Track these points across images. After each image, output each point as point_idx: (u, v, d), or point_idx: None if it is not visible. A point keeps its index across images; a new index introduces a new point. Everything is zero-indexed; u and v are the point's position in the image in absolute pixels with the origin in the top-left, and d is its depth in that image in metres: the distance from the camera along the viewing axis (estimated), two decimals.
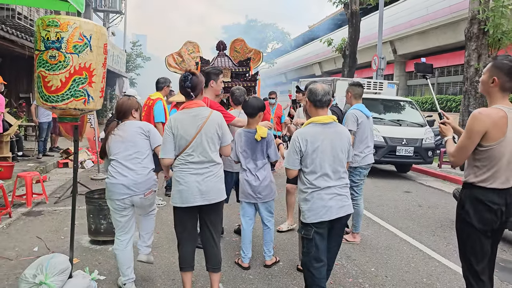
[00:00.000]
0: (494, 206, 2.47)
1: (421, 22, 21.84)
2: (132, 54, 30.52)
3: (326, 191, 2.81)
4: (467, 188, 2.60)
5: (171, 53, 8.71)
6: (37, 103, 2.91)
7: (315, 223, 2.80)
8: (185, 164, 3.02)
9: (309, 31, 42.49)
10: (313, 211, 2.80)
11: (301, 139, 2.83)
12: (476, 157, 2.50)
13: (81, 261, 3.96)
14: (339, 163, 2.86)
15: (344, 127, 3.07)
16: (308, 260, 2.86)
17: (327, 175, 2.82)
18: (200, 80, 3.14)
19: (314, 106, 2.95)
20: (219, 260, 3.22)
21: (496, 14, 9.39)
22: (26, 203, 5.90)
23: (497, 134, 2.40)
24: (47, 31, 2.72)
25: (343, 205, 2.86)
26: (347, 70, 17.27)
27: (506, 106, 2.47)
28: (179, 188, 3.02)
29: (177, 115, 3.09)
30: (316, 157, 2.80)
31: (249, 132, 3.84)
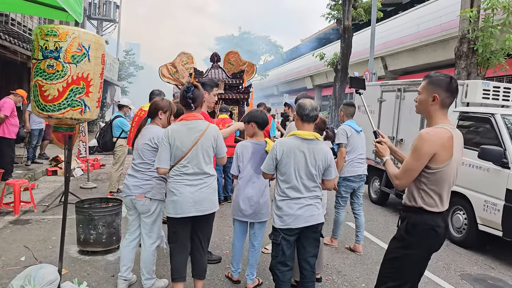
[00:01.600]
0: (440, 230, 2.38)
1: (412, 39, 22.20)
2: (125, 62, 30.46)
3: (295, 201, 2.97)
4: (415, 213, 2.40)
5: (165, 63, 8.74)
6: (32, 111, 2.90)
7: (282, 229, 2.98)
8: (180, 176, 3.08)
9: (302, 45, 42.91)
10: (282, 218, 2.98)
11: (279, 148, 3.00)
12: (422, 179, 2.34)
13: (69, 272, 3.90)
14: (311, 177, 2.99)
15: (325, 145, 3.14)
16: (275, 264, 3.08)
17: (297, 187, 2.97)
18: (202, 93, 3.23)
19: (301, 120, 3.08)
20: (205, 268, 3.32)
21: (485, 34, 9.58)
22: (14, 211, 5.81)
23: (446, 156, 2.26)
24: (46, 40, 2.72)
25: (312, 214, 3.00)
26: (338, 84, 17.45)
27: (449, 125, 2.34)
28: (173, 199, 3.07)
29: (174, 126, 3.13)
30: (289, 167, 2.96)
31: (257, 144, 3.66)
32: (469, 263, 4.92)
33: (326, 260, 4.59)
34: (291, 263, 3.09)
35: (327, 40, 35.76)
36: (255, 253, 3.76)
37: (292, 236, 3.01)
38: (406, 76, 26.04)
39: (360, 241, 5.03)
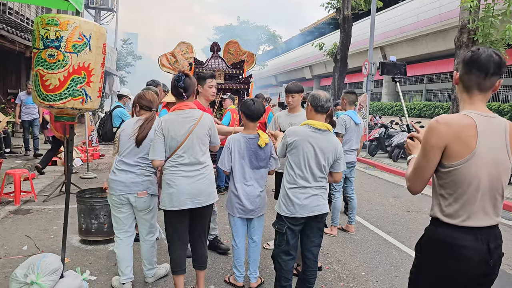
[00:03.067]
0: (467, 252, 1.76)
1: (411, 29, 22.15)
2: (123, 52, 30.31)
3: (302, 190, 2.99)
4: (430, 224, 1.92)
5: (164, 53, 8.70)
6: (34, 101, 2.89)
7: (288, 217, 3.00)
8: (176, 167, 3.04)
9: (300, 35, 42.71)
10: (288, 206, 3.00)
11: (291, 135, 3.03)
12: (438, 181, 1.86)
13: (72, 261, 3.94)
14: (319, 168, 3.01)
15: (337, 139, 3.16)
16: (278, 253, 3.08)
17: (306, 176, 2.99)
18: (193, 82, 3.19)
19: (314, 111, 3.11)
20: (206, 259, 3.31)
21: (485, 24, 9.55)
22: (14, 201, 5.83)
23: (461, 150, 1.76)
24: (47, 29, 2.69)
25: (317, 204, 3.02)
26: (337, 74, 17.39)
27: (475, 111, 1.82)
28: (170, 191, 3.03)
29: (168, 117, 3.08)
30: (299, 155, 2.98)
31: (249, 138, 3.44)
32: None
33: (326, 249, 4.63)
34: (295, 252, 3.11)
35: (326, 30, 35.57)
36: (257, 248, 3.62)
37: (297, 225, 3.04)
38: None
39: (352, 222, 5.40)
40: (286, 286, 3.12)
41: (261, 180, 3.51)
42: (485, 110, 1.83)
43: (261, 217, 3.60)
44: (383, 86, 27.75)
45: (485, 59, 1.78)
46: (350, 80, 28.81)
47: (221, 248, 4.32)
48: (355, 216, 5.43)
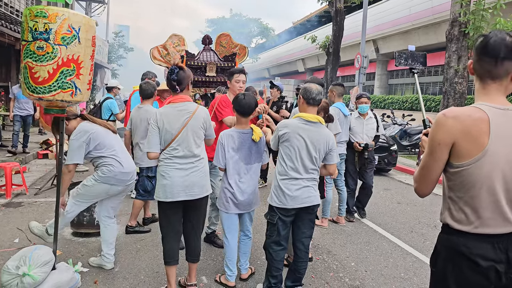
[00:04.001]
0: (485, 264, 1.56)
1: (404, 22, 22.17)
2: (114, 44, 30.06)
3: (293, 182, 3.05)
4: (443, 232, 1.72)
5: (156, 46, 8.65)
6: (23, 93, 2.88)
7: (279, 208, 3.07)
8: (170, 159, 3.06)
9: (293, 27, 42.60)
10: (279, 197, 3.06)
11: (282, 127, 3.09)
12: (447, 183, 1.68)
13: (64, 253, 3.95)
14: (310, 159, 3.06)
15: (327, 130, 3.20)
16: (269, 243, 3.17)
17: (297, 167, 3.04)
18: (187, 74, 3.18)
19: (306, 104, 3.14)
20: (199, 252, 3.34)
21: (476, 17, 9.61)
22: (6, 194, 5.82)
23: (471, 148, 1.56)
24: (35, 21, 2.68)
25: (308, 195, 3.08)
26: (330, 67, 17.40)
27: (489, 104, 1.60)
28: (164, 183, 3.06)
29: (162, 110, 3.10)
30: (290, 147, 3.04)
31: (243, 133, 3.39)
32: None
33: (317, 241, 4.69)
34: (285, 243, 3.16)
35: (319, 23, 35.52)
36: (248, 241, 3.63)
37: (288, 216, 3.09)
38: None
39: (342, 214, 5.53)
40: (277, 275, 3.17)
41: (255, 175, 3.49)
42: (502, 102, 1.60)
43: (253, 211, 3.62)
44: (375, 79, 27.82)
45: (494, 42, 1.57)
46: (342, 73, 28.86)
47: (217, 243, 4.35)
48: (345, 208, 5.50)
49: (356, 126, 5.43)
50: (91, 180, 3.52)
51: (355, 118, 5.46)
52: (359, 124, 5.44)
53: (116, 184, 3.55)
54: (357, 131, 5.42)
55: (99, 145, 3.47)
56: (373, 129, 5.50)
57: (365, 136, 5.41)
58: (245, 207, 3.45)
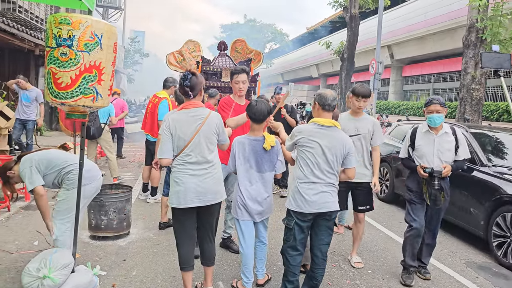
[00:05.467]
0: None
1: (419, 27, 22.04)
2: (130, 50, 30.45)
3: (311, 186, 3.03)
4: None
5: (172, 51, 8.76)
6: (46, 98, 2.94)
7: (296, 212, 3.05)
8: (183, 165, 3.06)
9: (307, 33, 42.63)
10: (296, 201, 3.05)
11: (298, 132, 3.12)
12: None
13: (82, 256, 4.00)
14: (328, 164, 3.05)
15: (345, 135, 3.19)
16: (285, 248, 3.16)
17: (314, 172, 3.04)
18: (200, 80, 3.18)
19: (322, 109, 3.17)
20: (214, 256, 3.34)
21: (494, 23, 9.49)
22: (25, 197, 5.91)
23: None
24: (59, 28, 2.74)
25: (326, 201, 3.05)
26: (344, 73, 17.38)
27: None
28: (177, 189, 3.05)
29: (175, 115, 3.10)
30: (307, 152, 3.05)
31: (254, 140, 3.38)
32: (474, 252, 4.97)
33: (333, 247, 4.66)
34: (302, 248, 3.15)
35: (333, 28, 35.48)
36: (264, 247, 3.62)
37: (305, 222, 3.08)
38: (412, 65, 25.91)
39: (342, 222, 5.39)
40: (293, 281, 3.16)
41: (267, 184, 3.45)
42: None
43: (266, 219, 3.59)
44: (390, 85, 27.65)
45: None
46: (357, 79, 28.73)
47: (232, 249, 4.35)
48: (344, 218, 5.39)
49: (423, 144, 3.88)
50: (63, 193, 3.40)
51: (422, 133, 3.92)
52: (427, 141, 3.86)
53: (88, 183, 3.45)
54: (425, 152, 3.85)
55: (50, 163, 3.38)
56: (450, 149, 3.83)
57: (436, 159, 3.79)
58: (257, 215, 3.41)
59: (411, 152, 4.00)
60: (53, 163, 3.40)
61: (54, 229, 3.37)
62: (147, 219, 5.39)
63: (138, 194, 6.58)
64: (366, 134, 4.08)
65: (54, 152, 3.58)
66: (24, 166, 3.32)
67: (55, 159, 3.43)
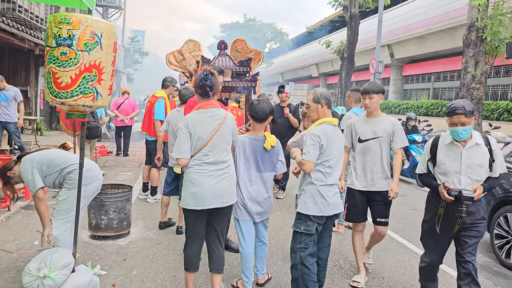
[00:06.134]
0: None
1: (419, 27, 22.02)
2: (130, 49, 30.44)
3: (330, 188, 3.04)
4: None
5: (172, 51, 8.74)
6: (46, 98, 2.94)
7: (317, 217, 2.99)
8: (200, 165, 2.99)
9: (307, 32, 42.60)
10: (317, 205, 2.99)
11: (323, 135, 3.00)
12: None
13: (82, 256, 3.99)
14: (341, 163, 3.15)
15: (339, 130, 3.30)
16: (304, 256, 2.98)
17: (333, 174, 3.06)
18: (217, 80, 3.17)
19: (327, 108, 3.16)
20: (223, 262, 3.23)
21: (494, 22, 9.50)
22: (25, 196, 5.91)
23: None
24: (59, 28, 2.74)
25: (339, 203, 3.10)
26: (344, 72, 17.37)
27: None
28: (194, 190, 2.98)
29: (193, 115, 3.05)
30: (329, 154, 3.02)
31: (255, 140, 3.36)
32: None
33: (333, 247, 4.61)
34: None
35: (333, 27, 35.46)
36: (264, 247, 3.61)
37: (321, 225, 3.06)
38: (412, 65, 25.89)
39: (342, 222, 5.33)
40: None
41: (268, 184, 3.42)
42: None
43: (266, 219, 3.57)
44: (390, 84, 27.63)
45: None
46: (357, 78, 28.73)
47: (232, 248, 4.34)
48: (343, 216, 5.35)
49: (447, 159, 3.06)
50: (64, 193, 3.38)
51: (446, 145, 3.09)
52: (453, 156, 3.04)
53: (89, 183, 3.43)
54: (449, 169, 3.04)
55: (51, 163, 3.36)
56: (482, 165, 3.00)
57: (464, 178, 3.00)
58: (257, 216, 3.38)
59: (431, 168, 3.20)
60: (54, 163, 3.38)
61: (53, 229, 3.36)
62: (147, 218, 5.39)
63: (138, 193, 6.58)
64: (384, 136, 3.70)
65: (55, 152, 3.57)
66: (25, 167, 3.31)
67: (56, 159, 3.42)
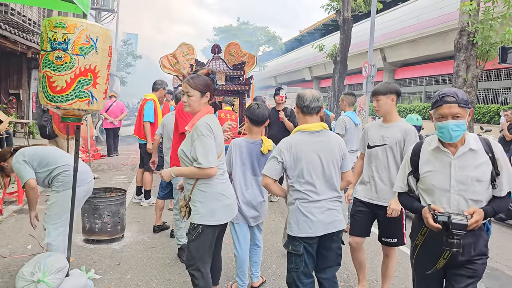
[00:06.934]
0: None
1: (411, 31, 22.20)
2: (123, 52, 30.37)
3: (315, 205, 2.64)
4: None
5: (166, 54, 8.76)
6: (41, 102, 2.94)
7: (303, 237, 2.64)
8: (222, 175, 2.80)
9: (300, 36, 42.78)
10: (300, 225, 2.64)
11: (285, 148, 2.65)
12: None
13: (76, 260, 3.99)
14: (329, 174, 2.67)
15: (335, 135, 2.88)
16: (297, 277, 2.69)
17: (315, 187, 2.64)
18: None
19: (301, 112, 2.77)
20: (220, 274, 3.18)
21: (485, 27, 9.62)
22: (17, 200, 5.88)
23: None
24: (54, 32, 2.75)
25: (333, 220, 2.68)
26: (337, 76, 17.46)
27: None
28: (227, 203, 2.75)
29: (210, 120, 2.72)
30: (302, 168, 2.63)
31: (252, 143, 3.33)
32: None
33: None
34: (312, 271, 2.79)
35: (326, 31, 35.65)
36: (259, 250, 3.58)
37: (313, 244, 2.69)
38: (405, 68, 26.08)
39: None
40: None
41: (262, 188, 3.31)
42: None
43: (261, 222, 3.54)
44: None
45: None
46: (350, 82, 28.89)
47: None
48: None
49: (433, 171, 2.25)
50: (53, 196, 3.39)
51: (430, 152, 2.30)
52: (439, 166, 2.24)
53: (78, 185, 3.32)
54: (435, 184, 2.23)
55: (42, 161, 3.36)
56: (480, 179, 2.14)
57: (455, 196, 2.18)
58: (252, 220, 3.36)
59: (412, 184, 2.37)
60: (46, 161, 3.39)
61: (47, 236, 3.39)
62: (141, 222, 5.38)
63: (132, 197, 6.56)
64: (392, 144, 3.23)
65: (50, 150, 3.56)
66: (16, 159, 3.34)
67: (49, 157, 3.42)
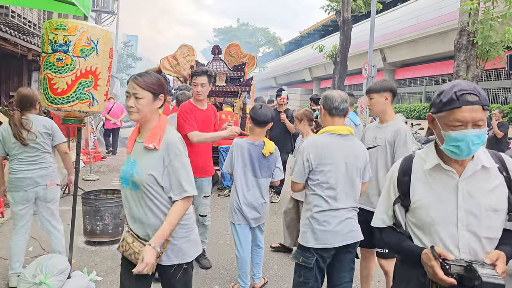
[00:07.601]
0: None
1: (411, 31, 22.21)
2: (123, 54, 30.41)
3: (335, 213, 2.48)
4: None
5: (166, 56, 8.76)
6: (42, 104, 2.94)
7: (317, 248, 2.47)
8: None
9: (300, 37, 42.81)
10: (316, 235, 2.47)
11: (312, 149, 2.49)
12: None
13: (77, 262, 3.98)
14: (352, 182, 2.53)
15: (360, 142, 2.72)
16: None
17: (337, 194, 2.48)
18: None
19: (329, 114, 2.62)
20: None
21: (485, 27, 9.61)
22: None
23: None
24: (55, 34, 2.75)
25: (351, 230, 2.52)
26: (337, 76, 17.45)
27: None
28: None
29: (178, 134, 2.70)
30: (327, 172, 2.47)
31: (254, 145, 3.30)
32: None
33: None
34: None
35: (326, 32, 35.67)
36: (261, 251, 3.59)
37: (327, 258, 2.51)
38: (405, 68, 26.09)
39: None
40: None
41: (263, 190, 3.37)
42: None
43: (262, 223, 3.55)
44: None
45: None
46: (350, 82, 28.88)
47: (201, 264, 4.05)
48: None
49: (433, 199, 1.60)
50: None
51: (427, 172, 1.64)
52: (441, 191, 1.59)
53: (13, 190, 3.38)
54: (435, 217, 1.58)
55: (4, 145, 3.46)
56: (496, 208, 1.53)
57: (464, 233, 1.54)
58: (253, 221, 3.36)
59: (400, 216, 1.74)
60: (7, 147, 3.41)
61: None
62: None
63: None
64: (383, 145, 2.98)
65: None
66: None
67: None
